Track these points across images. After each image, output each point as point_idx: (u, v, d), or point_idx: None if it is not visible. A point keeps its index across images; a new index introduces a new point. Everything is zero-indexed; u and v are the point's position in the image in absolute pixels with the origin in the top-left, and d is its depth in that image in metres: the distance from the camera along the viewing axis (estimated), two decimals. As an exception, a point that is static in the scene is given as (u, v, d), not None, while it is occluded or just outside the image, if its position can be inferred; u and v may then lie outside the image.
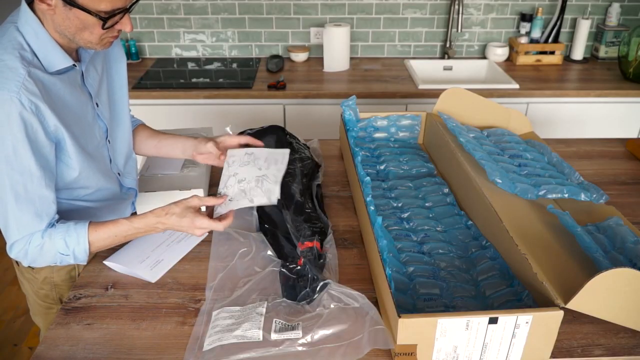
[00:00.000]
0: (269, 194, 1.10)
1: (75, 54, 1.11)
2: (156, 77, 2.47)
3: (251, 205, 1.09)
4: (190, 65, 2.64)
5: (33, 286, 1.27)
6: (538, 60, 2.68)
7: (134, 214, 1.37)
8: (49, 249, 1.05)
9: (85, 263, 1.11)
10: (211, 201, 1.14)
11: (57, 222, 1.07)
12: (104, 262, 1.17)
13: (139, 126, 1.40)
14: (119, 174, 1.27)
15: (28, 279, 1.27)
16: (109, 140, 1.22)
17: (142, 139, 1.39)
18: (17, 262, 1.26)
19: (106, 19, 1.00)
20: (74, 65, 1.07)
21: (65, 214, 1.15)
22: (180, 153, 1.37)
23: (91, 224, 1.07)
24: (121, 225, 1.09)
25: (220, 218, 1.12)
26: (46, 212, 1.05)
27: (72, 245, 1.05)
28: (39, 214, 1.04)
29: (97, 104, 1.16)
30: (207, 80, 2.43)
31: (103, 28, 1.01)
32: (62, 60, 1.04)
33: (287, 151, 1.23)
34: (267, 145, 1.54)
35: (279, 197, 1.12)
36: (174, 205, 1.10)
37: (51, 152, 1.03)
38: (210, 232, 1.27)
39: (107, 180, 1.21)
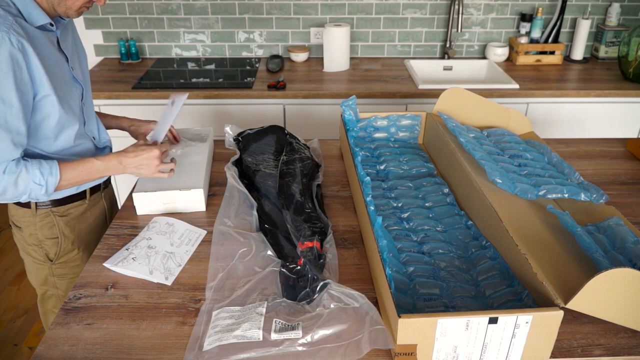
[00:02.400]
0: (168, 274, 1.15)
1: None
2: (156, 77, 2.47)
3: (147, 278, 1.14)
4: (190, 65, 2.64)
5: (22, 245, 1.39)
6: (538, 60, 2.68)
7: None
8: (24, 177, 1.14)
9: (48, 198, 1.23)
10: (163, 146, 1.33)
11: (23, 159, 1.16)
12: (104, 264, 1.17)
13: None
14: (93, 137, 1.39)
15: (18, 238, 1.39)
16: (83, 103, 1.33)
17: None
18: (10, 225, 1.37)
19: None
20: (51, 24, 1.19)
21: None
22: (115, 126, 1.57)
23: (60, 161, 1.20)
24: (88, 162, 1.23)
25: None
26: (20, 143, 1.15)
27: (46, 175, 1.16)
28: (15, 143, 1.13)
29: (72, 67, 1.28)
30: (207, 80, 2.42)
31: None
32: (42, 18, 1.16)
33: (203, 232, 1.29)
34: (267, 145, 1.55)
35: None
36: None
37: (30, 92, 1.14)
38: (211, 232, 1.28)
39: (82, 137, 1.33)
